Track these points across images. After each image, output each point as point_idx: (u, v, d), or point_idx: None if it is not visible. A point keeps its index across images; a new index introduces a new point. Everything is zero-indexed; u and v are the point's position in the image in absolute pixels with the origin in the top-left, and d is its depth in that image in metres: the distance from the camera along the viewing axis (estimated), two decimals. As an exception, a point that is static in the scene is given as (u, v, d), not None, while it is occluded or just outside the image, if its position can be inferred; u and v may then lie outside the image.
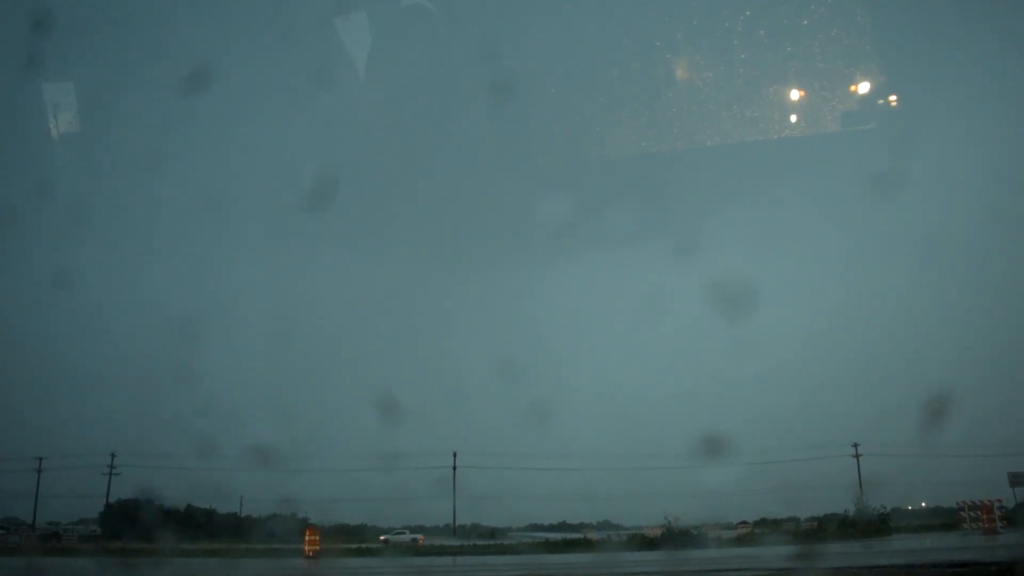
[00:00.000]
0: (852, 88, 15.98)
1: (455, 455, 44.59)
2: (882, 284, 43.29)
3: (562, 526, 46.61)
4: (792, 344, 42.42)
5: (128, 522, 39.34)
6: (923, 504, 44.37)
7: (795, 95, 16.29)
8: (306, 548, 30.37)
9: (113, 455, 46.27)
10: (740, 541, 34.73)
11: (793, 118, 16.67)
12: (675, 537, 32.49)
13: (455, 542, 41.46)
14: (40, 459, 46.34)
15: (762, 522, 42.53)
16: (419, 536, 43.62)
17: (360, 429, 41.94)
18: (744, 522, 43.29)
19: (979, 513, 30.02)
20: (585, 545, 34.76)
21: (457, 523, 46.53)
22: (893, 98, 15.45)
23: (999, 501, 31.12)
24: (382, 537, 42.32)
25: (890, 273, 42.45)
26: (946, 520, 35.71)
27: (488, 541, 40.97)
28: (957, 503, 32.07)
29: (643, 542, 34.14)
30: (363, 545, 36.92)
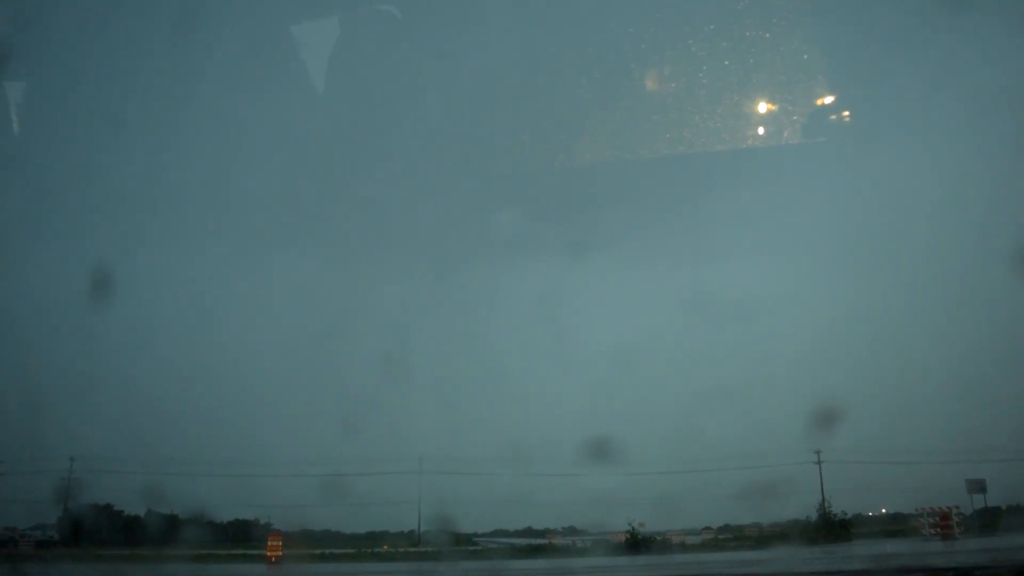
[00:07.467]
0: (817, 101, 16.30)
1: (420, 461, 44.31)
2: (838, 293, 43.83)
3: (527, 532, 46.51)
4: (752, 352, 42.76)
5: (86, 527, 38.53)
6: (884, 510, 44.97)
7: (758, 107, 16.57)
8: (269, 554, 30.19)
9: (72, 460, 45.20)
10: (704, 547, 35.04)
11: (760, 129, 16.96)
12: (640, 543, 32.64)
13: (419, 548, 41.18)
14: (-3, 463, 45.14)
15: (726, 528, 42.90)
16: None
17: (324, 435, 41.68)
18: (708, 528, 43.64)
19: (937, 519, 30.57)
20: (551, 551, 34.80)
21: (422, 529, 46.22)
22: (846, 113, 15.81)
23: (957, 507, 31.73)
24: None
25: (847, 282, 43.09)
26: (905, 526, 36.28)
27: (453, 547, 40.76)
28: (916, 510, 32.61)
29: (608, 548, 34.29)
30: (327, 551, 36.62)
